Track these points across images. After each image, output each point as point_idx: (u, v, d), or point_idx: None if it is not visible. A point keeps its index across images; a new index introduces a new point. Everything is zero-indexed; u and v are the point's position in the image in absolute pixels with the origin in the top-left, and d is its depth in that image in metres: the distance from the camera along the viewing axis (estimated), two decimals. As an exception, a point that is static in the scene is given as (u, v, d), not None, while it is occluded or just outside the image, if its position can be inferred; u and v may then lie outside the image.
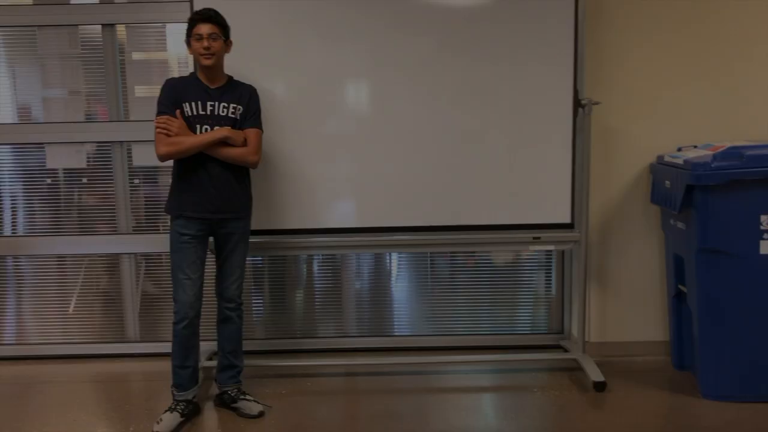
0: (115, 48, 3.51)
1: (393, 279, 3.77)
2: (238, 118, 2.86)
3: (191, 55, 2.85)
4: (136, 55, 3.55)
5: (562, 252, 3.66)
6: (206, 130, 2.79)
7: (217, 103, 2.81)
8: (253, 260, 3.71)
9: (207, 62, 2.76)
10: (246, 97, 2.89)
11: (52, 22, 3.47)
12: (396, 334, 3.78)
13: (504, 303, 3.76)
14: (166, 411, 2.87)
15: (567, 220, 3.27)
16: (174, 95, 2.79)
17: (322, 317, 3.78)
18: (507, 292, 3.76)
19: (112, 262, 3.70)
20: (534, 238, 3.26)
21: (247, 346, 3.65)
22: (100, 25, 3.49)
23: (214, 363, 3.28)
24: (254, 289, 3.74)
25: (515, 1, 3.14)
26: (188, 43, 2.82)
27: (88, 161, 3.61)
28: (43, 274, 3.71)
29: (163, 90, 2.82)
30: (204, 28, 2.73)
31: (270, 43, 3.15)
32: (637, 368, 3.42)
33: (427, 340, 3.75)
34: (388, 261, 3.77)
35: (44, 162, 3.61)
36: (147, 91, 3.57)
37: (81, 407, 3.08)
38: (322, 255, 3.73)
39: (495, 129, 3.23)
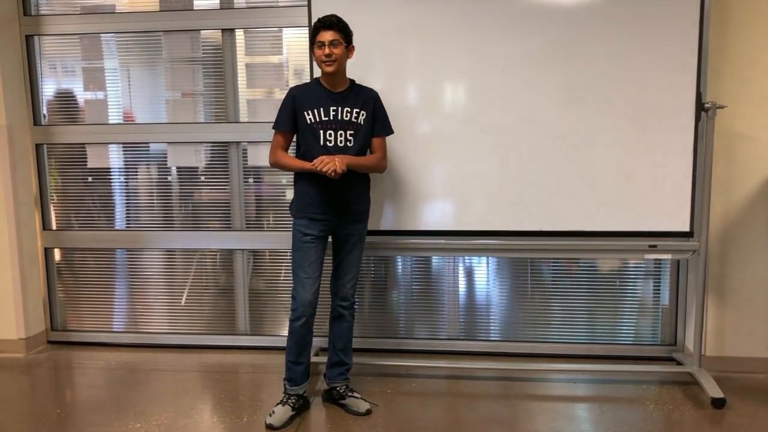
0: (234, 52, 3.66)
1: (492, 283, 3.74)
2: (362, 123, 2.90)
3: (316, 61, 2.88)
4: (253, 59, 3.68)
5: (677, 261, 3.52)
6: (330, 135, 2.85)
7: (340, 108, 2.86)
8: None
9: (328, 69, 2.81)
10: (371, 103, 2.94)
11: (177, 27, 3.66)
12: (494, 339, 3.75)
13: (608, 311, 3.66)
14: (278, 404, 2.95)
15: (686, 228, 3.14)
16: (292, 107, 2.87)
17: (421, 318, 3.79)
18: (612, 300, 3.65)
19: (225, 257, 3.85)
20: (650, 246, 3.15)
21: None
22: (220, 30, 3.65)
23: (320, 359, 3.36)
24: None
25: (632, -2, 3.06)
26: (312, 49, 2.87)
27: (205, 160, 3.78)
28: (160, 267, 3.91)
29: (282, 102, 2.92)
30: (326, 36, 2.78)
31: (371, 46, 3.19)
32: (759, 386, 3.24)
33: (526, 346, 3.70)
34: (488, 264, 3.74)
35: (165, 160, 3.80)
36: (263, 94, 3.69)
37: (196, 396, 3.22)
38: (422, 256, 3.74)
39: (608, 131, 3.14)
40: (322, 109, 2.85)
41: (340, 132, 2.86)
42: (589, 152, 3.16)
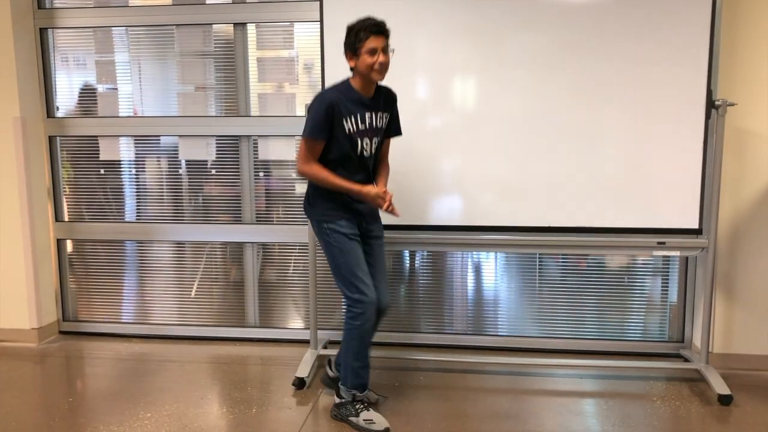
0: (246, 46, 3.67)
1: (500, 278, 3.75)
2: (385, 126, 2.84)
3: (360, 66, 2.65)
4: (264, 53, 3.69)
5: (686, 258, 3.53)
6: (366, 143, 2.75)
7: (373, 114, 2.75)
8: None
9: (380, 77, 2.66)
10: (391, 103, 2.87)
11: (189, 21, 3.68)
12: (502, 333, 3.76)
13: (616, 308, 3.66)
14: (362, 411, 2.82)
15: (695, 225, 3.15)
16: (331, 115, 2.66)
17: (429, 313, 3.81)
18: (620, 296, 3.66)
19: (235, 250, 3.88)
20: (659, 243, 3.15)
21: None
22: (232, 24, 3.67)
23: (329, 351, 3.39)
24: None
25: (643, -6, 3.06)
26: (353, 53, 2.64)
27: (216, 154, 3.80)
28: (171, 259, 3.95)
29: (319, 108, 2.66)
30: (378, 42, 2.60)
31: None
32: (766, 383, 3.24)
33: (533, 341, 3.71)
34: (496, 259, 3.75)
35: (176, 153, 3.83)
36: (273, 89, 3.71)
37: (206, 386, 3.26)
38: (430, 252, 3.75)
39: (618, 128, 3.15)
40: (359, 116, 2.70)
41: (374, 139, 2.78)
42: (599, 148, 3.17)
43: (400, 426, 2.83)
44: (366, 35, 2.59)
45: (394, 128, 2.93)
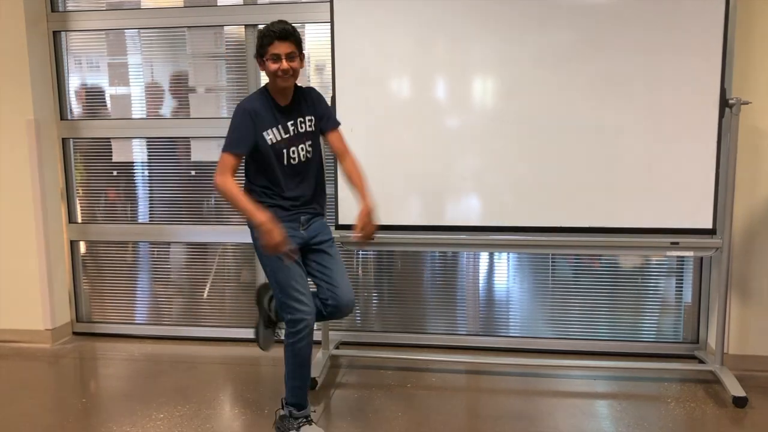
0: (257, 47, 3.68)
1: (513, 278, 3.74)
2: (315, 128, 2.70)
3: (266, 72, 2.57)
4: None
5: (700, 258, 3.50)
6: (294, 152, 2.63)
7: (297, 121, 2.64)
8: (372, 254, 3.80)
9: (285, 84, 2.55)
10: (314, 104, 2.71)
11: (201, 23, 3.70)
12: (514, 335, 3.74)
13: (630, 308, 3.63)
14: (306, 425, 2.73)
15: (708, 225, 3.12)
16: (253, 129, 2.56)
17: (440, 313, 3.80)
18: (634, 297, 3.63)
19: (247, 251, 3.88)
20: (672, 243, 3.13)
21: (365, 338, 3.80)
22: (243, 26, 3.68)
23: (341, 352, 3.39)
24: (374, 282, 3.83)
25: (657, -6, 3.03)
26: (260, 60, 2.56)
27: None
28: (183, 260, 3.96)
29: (238, 120, 2.57)
30: (282, 48, 2.48)
31: (395, 41, 3.19)
32: (782, 385, 3.22)
33: (546, 342, 3.69)
34: (508, 260, 3.73)
35: (189, 155, 3.84)
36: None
37: (218, 387, 3.27)
38: (442, 252, 3.74)
39: (632, 127, 3.12)
40: (281, 126, 2.60)
41: (301, 146, 2.65)
42: (612, 148, 3.14)
43: (413, 427, 2.82)
44: (269, 40, 2.49)
45: (332, 121, 2.77)
